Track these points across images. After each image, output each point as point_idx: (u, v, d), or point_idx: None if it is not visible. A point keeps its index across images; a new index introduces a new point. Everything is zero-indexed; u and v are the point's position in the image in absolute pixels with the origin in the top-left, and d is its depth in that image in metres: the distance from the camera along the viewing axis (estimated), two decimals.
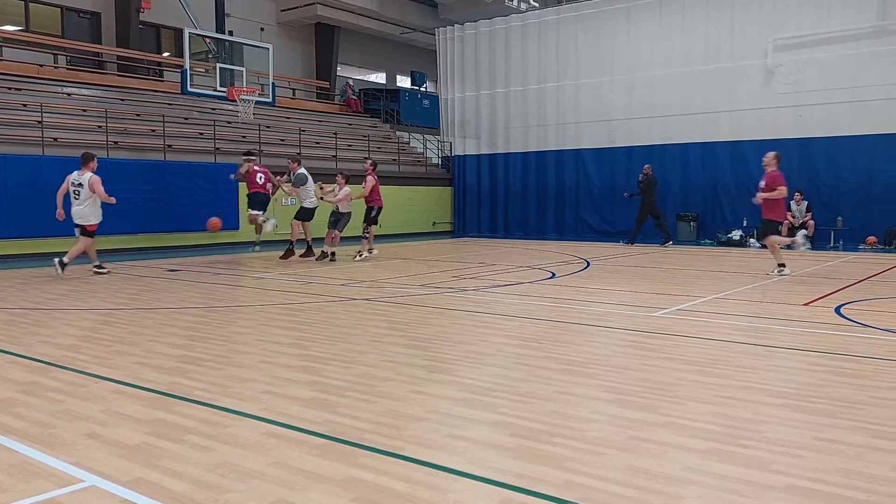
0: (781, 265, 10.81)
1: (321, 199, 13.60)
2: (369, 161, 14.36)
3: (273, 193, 14.42)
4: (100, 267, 11.40)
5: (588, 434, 3.61)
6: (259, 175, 13.92)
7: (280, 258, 13.66)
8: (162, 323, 6.95)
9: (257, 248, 14.46)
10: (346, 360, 5.29)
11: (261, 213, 13.85)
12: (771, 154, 11.08)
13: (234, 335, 6.35)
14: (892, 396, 4.30)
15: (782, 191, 10.48)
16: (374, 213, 13.82)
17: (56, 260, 10.90)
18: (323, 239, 13.84)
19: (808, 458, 3.27)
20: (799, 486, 2.97)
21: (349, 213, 13.49)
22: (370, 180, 13.65)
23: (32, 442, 3.52)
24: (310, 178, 13.76)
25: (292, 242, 13.93)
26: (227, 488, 2.96)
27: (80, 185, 11.11)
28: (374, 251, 14.21)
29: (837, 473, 3.10)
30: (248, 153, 14.74)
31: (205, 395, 4.34)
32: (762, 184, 10.78)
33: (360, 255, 13.83)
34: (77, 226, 11.22)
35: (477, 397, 4.28)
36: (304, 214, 13.84)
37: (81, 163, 11.30)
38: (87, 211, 11.15)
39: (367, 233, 13.93)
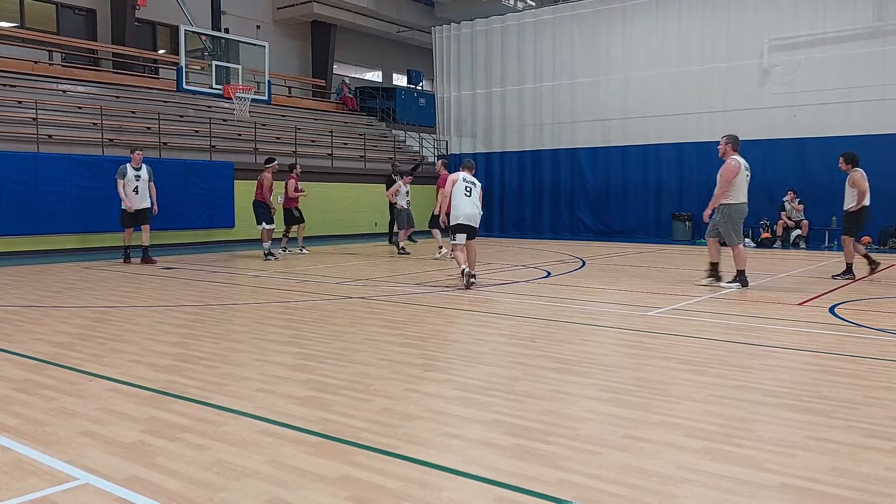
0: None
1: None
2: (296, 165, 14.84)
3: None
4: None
5: (583, 433, 3.62)
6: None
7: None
8: (157, 321, 6.94)
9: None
10: (341, 359, 5.29)
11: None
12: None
13: (230, 333, 6.34)
14: (885, 396, 4.32)
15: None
16: (297, 213, 14.49)
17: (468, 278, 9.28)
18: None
19: (802, 457, 3.29)
20: (792, 484, 2.98)
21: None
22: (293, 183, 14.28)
23: (27, 440, 3.51)
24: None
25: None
26: (222, 486, 2.96)
27: (474, 183, 9.54)
28: (289, 252, 14.60)
29: (830, 472, 3.11)
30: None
31: (200, 394, 4.34)
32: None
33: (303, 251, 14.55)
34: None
35: (472, 396, 4.29)
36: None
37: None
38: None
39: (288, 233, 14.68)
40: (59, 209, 14.56)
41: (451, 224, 9.51)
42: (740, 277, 9.25)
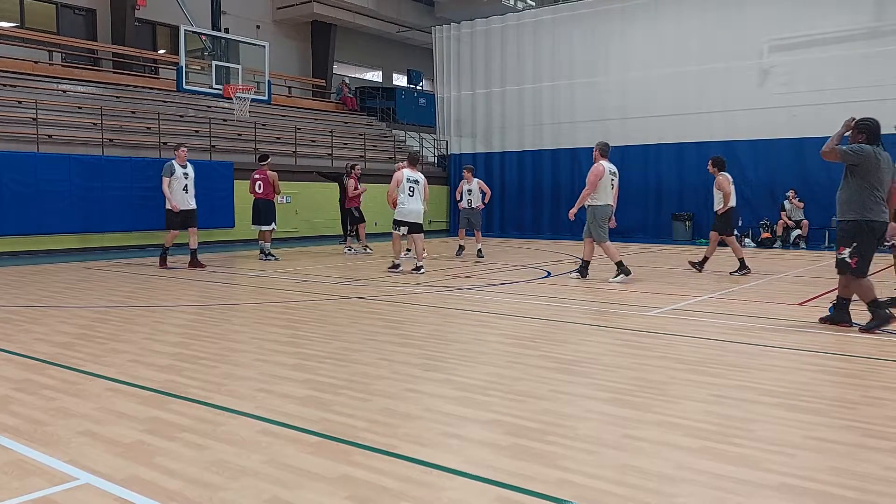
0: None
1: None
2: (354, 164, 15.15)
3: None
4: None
5: (582, 432, 3.63)
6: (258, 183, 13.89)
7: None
8: (157, 321, 6.94)
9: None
10: (340, 359, 5.29)
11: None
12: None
13: (229, 333, 6.35)
14: (884, 396, 4.33)
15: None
16: (357, 213, 14.80)
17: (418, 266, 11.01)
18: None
19: (800, 457, 3.29)
20: (790, 484, 2.99)
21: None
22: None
23: (26, 440, 3.51)
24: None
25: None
26: (222, 486, 2.96)
27: (416, 181, 10.99)
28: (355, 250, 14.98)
29: (829, 472, 3.12)
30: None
31: (199, 394, 4.34)
32: None
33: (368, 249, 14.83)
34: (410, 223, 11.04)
35: (471, 396, 4.29)
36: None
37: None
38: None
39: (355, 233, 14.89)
40: (59, 209, 14.56)
41: (395, 218, 11.07)
42: (620, 268, 10.10)
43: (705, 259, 11.26)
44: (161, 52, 22.89)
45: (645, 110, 19.87)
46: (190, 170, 11.68)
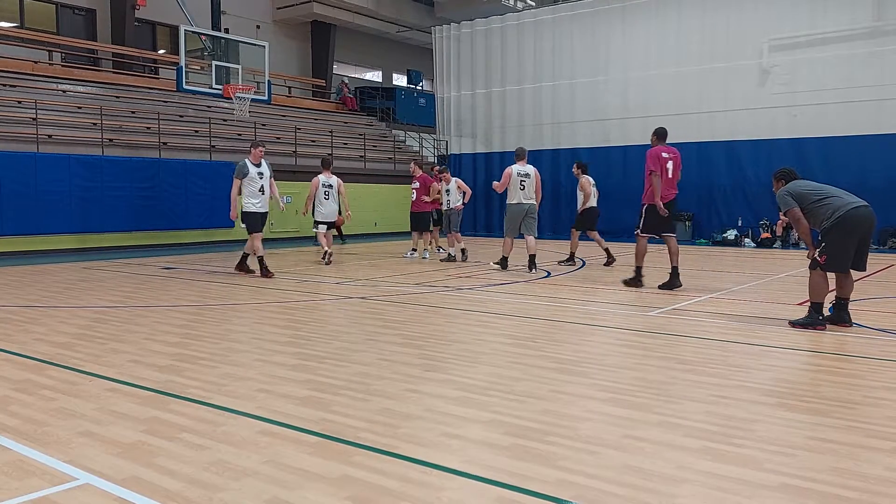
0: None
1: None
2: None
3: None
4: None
5: (582, 433, 3.62)
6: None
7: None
8: (157, 321, 6.93)
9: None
10: (340, 359, 5.29)
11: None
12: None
13: (229, 333, 6.34)
14: (885, 396, 4.32)
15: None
16: (436, 215, 14.44)
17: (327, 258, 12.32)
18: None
19: (802, 457, 3.29)
20: (792, 484, 2.98)
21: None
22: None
23: (26, 440, 3.51)
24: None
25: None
26: (222, 486, 2.96)
27: (331, 185, 12.39)
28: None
29: (830, 472, 3.11)
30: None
31: (199, 394, 4.34)
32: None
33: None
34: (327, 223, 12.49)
35: (472, 396, 4.29)
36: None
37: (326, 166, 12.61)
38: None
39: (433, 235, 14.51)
40: (58, 209, 14.57)
41: (316, 220, 12.45)
42: (501, 262, 11.24)
43: (572, 254, 12.74)
44: (161, 52, 22.89)
45: (645, 110, 19.86)
46: (265, 168, 10.55)
